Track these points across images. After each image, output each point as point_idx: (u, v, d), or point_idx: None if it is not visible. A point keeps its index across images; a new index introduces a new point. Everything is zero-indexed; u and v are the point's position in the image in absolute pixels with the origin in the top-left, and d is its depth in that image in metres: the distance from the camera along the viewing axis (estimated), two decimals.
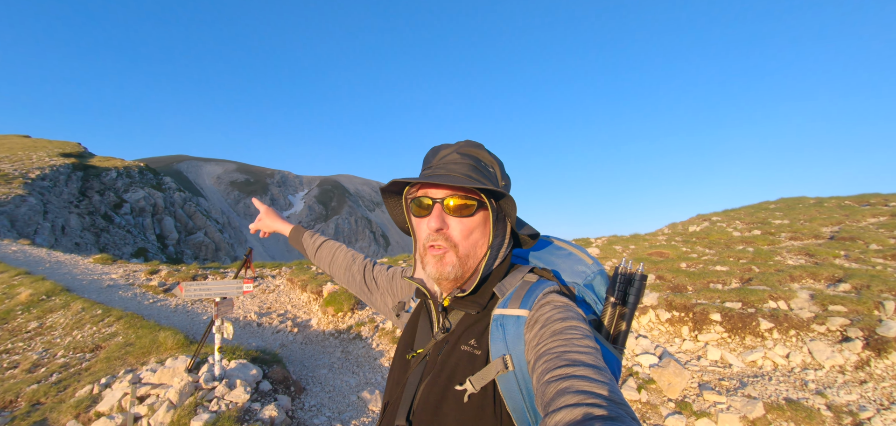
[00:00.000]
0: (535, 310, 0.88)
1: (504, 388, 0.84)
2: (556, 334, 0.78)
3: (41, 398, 3.98)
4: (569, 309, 0.85)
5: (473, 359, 0.90)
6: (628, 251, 8.84)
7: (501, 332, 0.88)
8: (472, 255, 0.96)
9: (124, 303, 6.86)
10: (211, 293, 3.63)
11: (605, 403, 0.62)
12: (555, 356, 0.73)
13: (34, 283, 7.38)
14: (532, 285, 0.94)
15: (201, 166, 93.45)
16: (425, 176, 0.96)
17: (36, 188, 26.60)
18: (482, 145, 1.02)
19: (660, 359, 4.67)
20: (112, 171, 36.22)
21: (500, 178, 1.01)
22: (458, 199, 0.94)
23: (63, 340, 5.35)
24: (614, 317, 1.01)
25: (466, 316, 0.98)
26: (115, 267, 10.07)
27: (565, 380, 0.67)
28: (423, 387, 0.94)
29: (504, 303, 0.93)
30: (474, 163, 0.97)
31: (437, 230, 0.94)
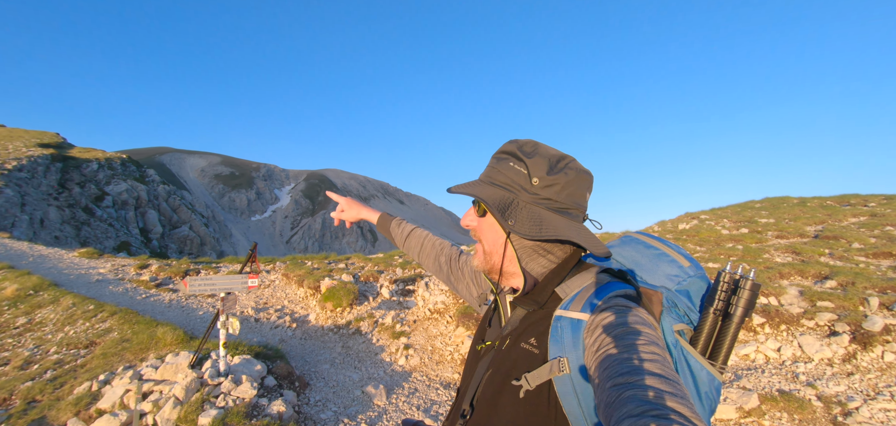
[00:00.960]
0: (596, 313, 0.83)
1: (560, 390, 0.83)
2: (619, 339, 0.74)
3: (37, 396, 3.89)
4: (634, 313, 0.80)
5: (532, 357, 0.90)
6: None
7: (560, 334, 0.86)
8: (495, 253, 1.02)
9: (116, 299, 6.71)
10: (216, 288, 3.59)
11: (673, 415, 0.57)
12: (617, 362, 0.70)
13: (19, 278, 7.17)
14: (600, 287, 0.90)
15: (185, 159, 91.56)
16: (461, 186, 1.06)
17: (13, 180, 25.78)
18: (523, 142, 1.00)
19: None
20: (93, 162, 35.25)
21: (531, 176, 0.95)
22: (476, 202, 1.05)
23: (55, 336, 5.22)
24: (715, 329, 0.91)
25: (529, 314, 0.98)
26: (101, 261, 9.83)
27: (629, 389, 0.64)
28: (486, 378, 0.97)
29: (566, 305, 0.90)
30: (495, 163, 1.01)
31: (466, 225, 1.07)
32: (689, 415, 0.58)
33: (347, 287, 7.21)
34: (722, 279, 0.91)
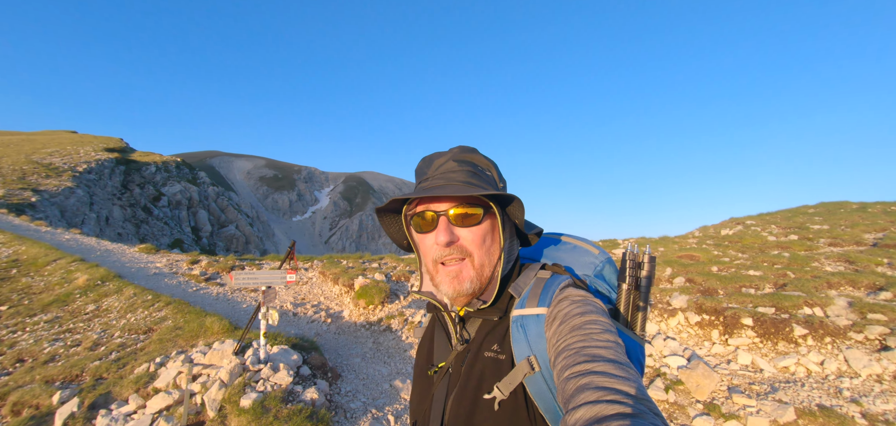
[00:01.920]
0: (553, 306, 0.86)
1: (533, 390, 0.82)
2: (576, 329, 0.76)
3: (104, 373, 4.36)
4: (587, 302, 0.84)
5: (498, 364, 0.88)
6: (657, 253, 8.75)
7: (523, 333, 0.86)
8: (488, 264, 0.93)
9: (170, 290, 7.31)
10: (258, 282, 3.89)
11: (626, 399, 0.61)
12: (574, 352, 0.72)
13: (89, 270, 7.95)
14: (546, 281, 0.93)
15: (232, 162, 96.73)
16: (425, 188, 0.93)
17: (83, 181, 28.24)
18: (476, 149, 0.99)
19: (688, 361, 4.67)
20: (151, 165, 38.03)
21: (498, 180, 0.98)
22: (461, 208, 0.91)
23: (119, 322, 5.79)
24: (630, 303, 1.00)
25: (485, 322, 0.96)
26: (158, 256, 10.68)
27: (585, 377, 0.66)
28: (452, 400, 0.91)
29: (521, 304, 0.91)
30: (472, 168, 0.95)
31: (447, 244, 0.90)
32: (639, 396, 0.62)
33: (379, 286, 7.47)
34: (626, 258, 1.00)
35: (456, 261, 0.91)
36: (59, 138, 40.41)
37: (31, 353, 5.01)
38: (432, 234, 0.92)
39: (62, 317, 6.14)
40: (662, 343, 5.05)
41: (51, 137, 40.97)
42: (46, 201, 21.85)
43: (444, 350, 1.01)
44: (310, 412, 3.34)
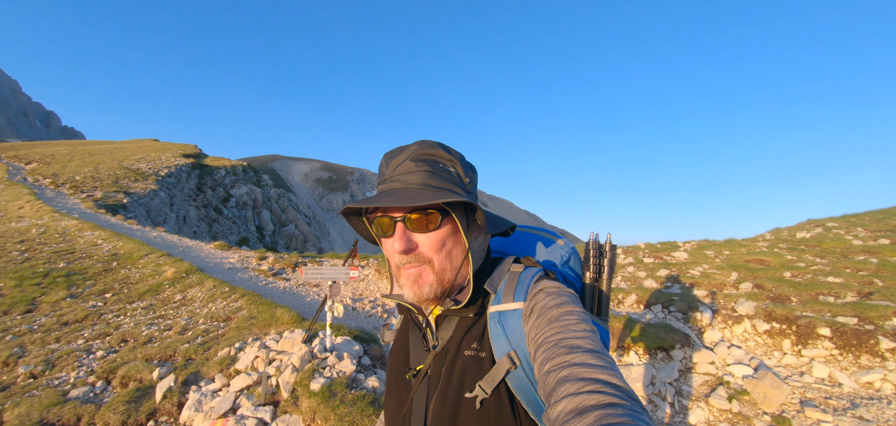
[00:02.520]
0: (529, 299, 0.86)
1: (516, 386, 0.81)
2: (553, 321, 0.77)
3: (192, 355, 4.92)
4: (562, 293, 0.84)
5: (479, 362, 0.87)
6: (722, 257, 8.27)
7: (501, 329, 0.86)
8: (450, 268, 0.91)
9: (244, 283, 8.02)
10: (325, 277, 4.23)
11: (605, 388, 0.61)
12: (553, 344, 0.72)
13: (175, 263, 8.90)
14: (520, 275, 0.93)
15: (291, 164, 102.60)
16: (378, 195, 0.90)
17: (164, 184, 31.28)
18: (438, 144, 0.94)
19: (755, 371, 4.43)
20: (221, 169, 41.33)
21: (463, 175, 0.94)
22: (418, 213, 0.87)
23: (202, 311, 6.46)
24: (595, 289, 1.05)
25: (462, 320, 0.94)
26: (231, 253, 11.69)
27: (565, 369, 0.66)
28: (433, 404, 0.89)
29: (497, 299, 0.90)
30: (431, 167, 0.89)
31: (404, 251, 0.88)
32: (620, 384, 0.63)
33: None
34: (590, 246, 1.05)
35: (415, 265, 0.89)
36: (145, 146, 45.01)
37: (133, 335, 5.75)
38: (391, 241, 0.91)
39: (155, 305, 6.96)
40: (726, 350, 4.82)
41: (138, 145, 45.76)
42: (135, 202, 24.49)
43: (421, 352, 0.98)
44: (371, 398, 3.59)
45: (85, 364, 4.98)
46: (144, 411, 3.83)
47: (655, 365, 4.63)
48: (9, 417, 3.94)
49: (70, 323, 6.34)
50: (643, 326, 5.02)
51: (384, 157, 0.96)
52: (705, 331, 5.24)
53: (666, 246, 9.29)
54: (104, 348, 5.41)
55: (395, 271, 0.94)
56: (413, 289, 0.89)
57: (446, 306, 0.93)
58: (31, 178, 25.68)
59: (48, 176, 26.06)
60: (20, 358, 5.27)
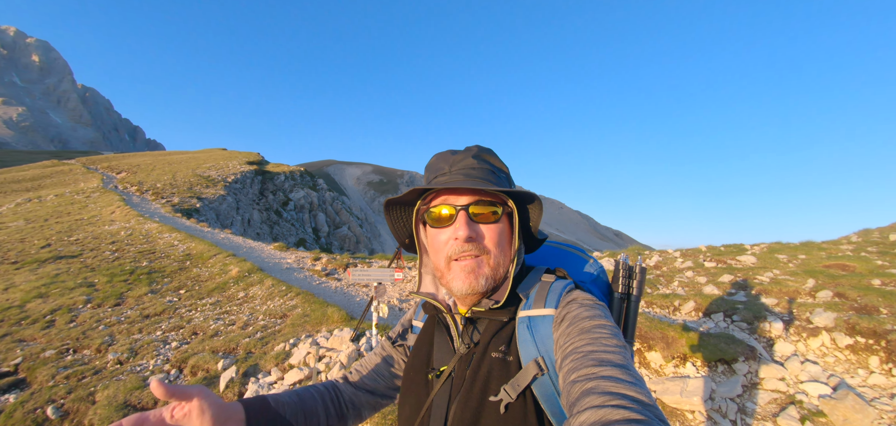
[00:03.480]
0: (561, 307, 0.86)
1: (541, 393, 0.80)
2: (584, 332, 0.76)
3: (252, 349, 5.28)
4: (596, 306, 0.84)
5: (506, 365, 0.86)
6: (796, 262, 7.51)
7: (530, 335, 0.85)
8: (502, 264, 0.92)
9: (299, 283, 8.48)
10: (371, 278, 4.38)
11: (632, 404, 0.60)
12: (582, 356, 0.72)
13: (239, 263, 9.60)
14: (552, 284, 0.93)
15: (344, 169, 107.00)
16: (448, 181, 0.91)
17: (231, 190, 33.81)
18: (493, 151, 0.98)
19: (834, 390, 3.98)
20: (281, 175, 43.96)
21: (510, 183, 0.99)
22: (482, 206, 0.90)
23: (261, 308, 6.92)
24: (622, 311, 1.05)
25: (492, 323, 0.93)
26: (288, 253, 12.41)
27: (591, 381, 0.66)
28: (455, 405, 0.87)
29: (528, 305, 0.90)
30: (490, 168, 0.94)
31: (467, 240, 0.88)
32: (647, 401, 0.62)
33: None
34: (620, 267, 1.05)
35: (472, 257, 0.89)
36: (214, 155, 48.95)
37: (202, 329, 6.28)
38: (449, 229, 0.91)
39: (221, 301, 7.55)
40: (799, 366, 4.38)
41: (208, 155, 49.86)
42: (206, 206, 26.69)
43: (446, 353, 0.97)
44: None
45: (162, 353, 5.51)
46: None
47: (715, 378, 4.31)
48: (100, 398, 4.46)
49: (150, 316, 7.05)
50: (702, 336, 4.69)
51: (438, 156, 0.98)
52: (775, 344, 4.79)
53: (730, 249, 8.60)
54: (178, 340, 5.96)
55: (443, 264, 0.92)
56: (468, 279, 0.89)
57: (484, 305, 0.93)
58: (121, 186, 28.85)
59: (134, 184, 29.13)
60: (110, 345, 5.95)
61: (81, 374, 5.12)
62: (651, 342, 4.72)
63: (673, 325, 4.87)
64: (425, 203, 0.96)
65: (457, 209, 0.90)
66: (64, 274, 9.58)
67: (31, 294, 8.28)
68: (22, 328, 6.81)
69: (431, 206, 0.94)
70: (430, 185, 0.92)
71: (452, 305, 0.99)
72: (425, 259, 1.04)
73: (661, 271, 7.46)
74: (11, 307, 7.67)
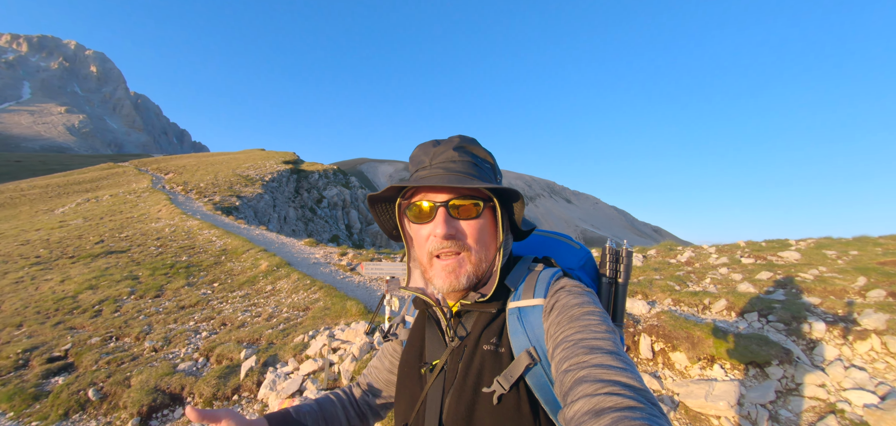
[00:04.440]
0: (550, 296, 0.86)
1: (534, 383, 0.80)
2: (574, 320, 0.76)
3: (274, 340, 5.45)
4: (583, 292, 0.84)
5: (498, 357, 0.85)
6: (846, 258, 6.93)
7: (520, 325, 0.85)
8: (485, 259, 0.91)
9: (324, 277, 8.69)
10: (383, 272, 4.41)
11: (624, 390, 0.60)
12: (573, 344, 0.71)
13: (269, 258, 9.95)
14: (540, 273, 0.92)
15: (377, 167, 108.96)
16: (424, 177, 0.89)
17: (269, 188, 35.14)
18: (477, 141, 0.96)
19: (882, 400, 3.63)
20: (315, 173, 45.26)
21: (495, 174, 0.97)
22: (462, 200, 0.88)
23: (286, 300, 7.14)
24: (610, 295, 1.05)
25: (482, 316, 0.93)
26: (317, 249, 12.74)
27: (583, 369, 0.66)
28: (449, 398, 0.87)
29: (517, 296, 0.90)
30: (473, 159, 0.92)
31: (446, 237, 0.87)
32: (639, 387, 0.62)
33: None
34: (607, 252, 1.05)
35: (452, 254, 0.88)
36: (253, 156, 51.03)
37: (230, 319, 6.55)
38: (429, 226, 0.90)
39: (250, 294, 7.85)
40: (843, 372, 4.03)
41: (248, 155, 52.05)
42: (245, 204, 27.87)
43: (438, 347, 0.97)
44: None
45: (192, 342, 5.80)
46: (231, 386, 4.34)
47: (746, 383, 4.04)
48: (134, 382, 4.74)
49: (185, 307, 7.43)
50: (733, 337, 4.41)
51: (421, 147, 0.97)
52: (815, 347, 4.43)
53: (773, 244, 8.05)
54: (208, 330, 6.25)
55: (426, 260, 0.92)
56: (449, 278, 0.88)
57: (471, 298, 0.93)
58: (168, 186, 30.64)
59: (180, 183, 30.85)
60: (147, 334, 6.32)
61: (120, 360, 5.47)
62: (675, 342, 4.49)
63: (700, 324, 4.61)
64: (406, 198, 0.95)
65: (436, 204, 0.88)
66: (112, 268, 10.28)
67: (83, 286, 8.94)
68: (73, 317, 7.36)
69: (412, 201, 0.92)
70: (405, 183, 0.90)
71: (442, 299, 0.98)
72: (412, 253, 1.03)
73: (693, 268, 7.09)
74: (65, 298, 8.30)
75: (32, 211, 25.79)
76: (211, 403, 4.17)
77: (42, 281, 9.78)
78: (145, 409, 4.21)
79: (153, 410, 4.25)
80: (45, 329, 6.86)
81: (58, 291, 8.80)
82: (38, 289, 9.19)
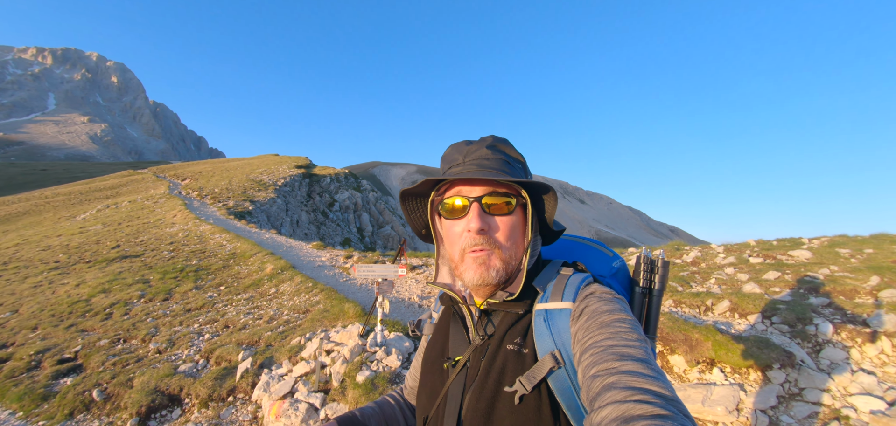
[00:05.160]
0: (579, 301, 0.85)
1: (557, 386, 0.79)
2: (604, 326, 0.75)
3: (272, 342, 5.50)
4: (615, 299, 0.83)
5: (521, 357, 0.85)
6: (860, 257, 6.68)
7: (546, 327, 0.85)
8: (515, 257, 0.91)
9: (326, 280, 8.75)
10: (375, 274, 4.41)
11: (655, 399, 0.59)
12: (602, 350, 0.70)
13: (275, 261, 10.08)
14: (570, 277, 0.92)
15: (389, 170, 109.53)
16: (462, 172, 0.90)
17: (281, 193, 35.61)
18: (509, 141, 0.97)
19: (890, 405, 3.48)
20: (327, 177, 45.73)
21: (527, 173, 0.98)
22: (495, 197, 0.90)
23: (288, 303, 7.21)
24: (643, 306, 1.02)
25: (507, 316, 0.93)
26: (324, 252, 12.86)
27: (612, 376, 0.65)
28: (470, 395, 0.88)
29: (545, 298, 0.90)
30: (505, 158, 0.93)
31: (479, 231, 0.88)
32: (670, 396, 0.60)
33: None
34: (641, 261, 1.02)
35: (484, 249, 0.89)
36: (267, 161, 51.80)
37: (233, 322, 6.65)
38: (462, 221, 0.91)
39: (254, 297, 7.96)
40: (850, 376, 3.87)
41: (261, 160, 52.86)
42: (258, 209, 28.31)
43: (461, 344, 0.98)
44: None
45: (195, 344, 5.90)
46: (226, 387, 4.40)
47: (746, 387, 3.92)
48: (136, 383, 4.84)
49: (191, 310, 7.57)
50: (733, 339, 4.28)
51: (454, 146, 0.98)
52: (821, 351, 4.27)
53: (784, 243, 7.82)
54: (211, 332, 6.35)
55: (457, 255, 0.93)
56: (480, 270, 0.89)
57: (498, 297, 0.94)
58: (184, 192, 31.32)
59: (195, 189, 31.51)
60: (153, 336, 6.45)
61: (126, 361, 5.59)
62: (673, 344, 4.39)
63: (699, 327, 4.49)
64: (440, 194, 0.97)
65: (470, 200, 0.90)
66: (126, 272, 10.54)
67: (97, 289, 9.19)
68: (86, 319, 7.56)
69: (445, 197, 0.94)
70: (443, 176, 0.93)
71: (468, 297, 0.99)
72: (441, 249, 1.04)
73: (699, 268, 6.92)
74: (79, 301, 8.54)
75: (56, 217, 26.66)
76: (206, 404, 4.23)
77: (59, 285, 10.08)
78: (144, 410, 4.29)
79: (151, 411, 4.33)
80: (58, 331, 7.06)
81: (73, 295, 9.06)
82: (54, 293, 9.48)
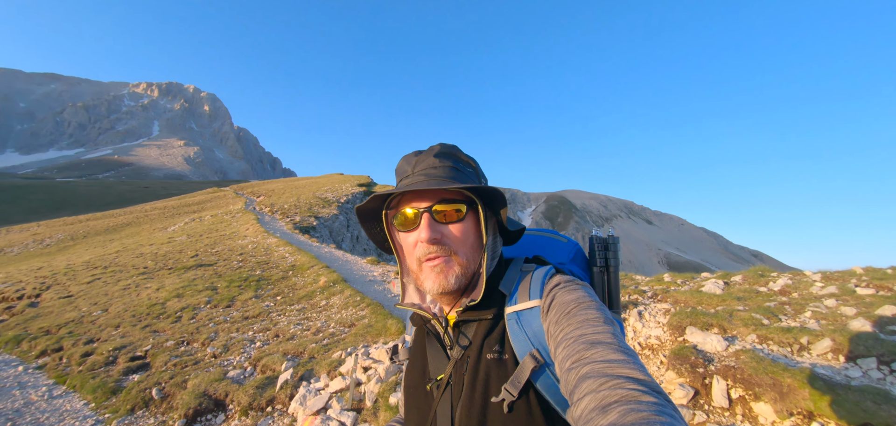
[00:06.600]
0: (546, 295, 0.85)
1: (542, 385, 0.79)
2: (571, 316, 0.76)
3: (315, 354, 5.51)
4: (578, 287, 0.84)
5: (502, 364, 0.85)
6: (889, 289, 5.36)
7: (520, 329, 0.84)
8: (472, 260, 0.92)
9: (374, 295, 8.77)
10: None
11: (628, 382, 0.60)
12: (572, 341, 0.71)
13: (328, 274, 10.34)
14: (533, 273, 0.92)
15: None
16: (406, 185, 0.92)
17: (343, 210, 37.25)
18: (457, 147, 0.98)
19: None
20: None
21: (479, 178, 0.99)
22: (445, 204, 0.90)
23: (336, 316, 7.27)
24: (604, 284, 1.04)
25: (481, 325, 0.92)
26: (377, 267, 13.03)
27: (585, 365, 0.65)
28: (459, 412, 0.87)
29: (512, 300, 0.90)
30: (453, 164, 0.93)
31: (431, 241, 0.89)
32: (643, 377, 0.61)
33: None
34: (594, 242, 1.05)
35: (440, 257, 0.90)
36: (332, 180, 54.71)
37: (283, 332, 6.81)
38: (415, 232, 0.92)
39: (306, 309, 8.15)
40: None
41: (328, 179, 55.95)
42: (321, 224, 29.76)
43: (441, 361, 0.96)
44: None
45: (246, 351, 6.09)
46: (266, 397, 4.41)
47: None
48: (189, 385, 5.04)
49: (249, 317, 7.91)
50: (839, 389, 3.52)
51: (404, 158, 0.99)
52: None
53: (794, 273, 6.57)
54: (262, 340, 6.55)
55: (415, 268, 0.94)
56: (438, 279, 0.89)
57: (463, 306, 0.92)
58: (258, 208, 33.85)
59: (267, 205, 33.94)
60: (212, 341, 6.78)
61: (185, 363, 5.90)
62: (758, 389, 3.70)
63: (792, 369, 3.75)
64: (392, 208, 0.98)
65: (420, 211, 0.91)
66: (198, 279, 11.40)
67: (172, 294, 10.00)
68: (159, 321, 8.20)
69: (398, 210, 0.95)
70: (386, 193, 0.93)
71: (439, 312, 1.00)
72: (404, 265, 1.04)
73: (790, 298, 5.92)
74: (156, 304, 9.33)
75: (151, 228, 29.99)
76: (246, 412, 4.27)
77: (143, 288, 11.13)
78: (191, 413, 4.42)
79: (198, 414, 4.45)
80: (135, 331, 7.71)
81: (152, 298, 9.93)
82: (138, 296, 10.47)
